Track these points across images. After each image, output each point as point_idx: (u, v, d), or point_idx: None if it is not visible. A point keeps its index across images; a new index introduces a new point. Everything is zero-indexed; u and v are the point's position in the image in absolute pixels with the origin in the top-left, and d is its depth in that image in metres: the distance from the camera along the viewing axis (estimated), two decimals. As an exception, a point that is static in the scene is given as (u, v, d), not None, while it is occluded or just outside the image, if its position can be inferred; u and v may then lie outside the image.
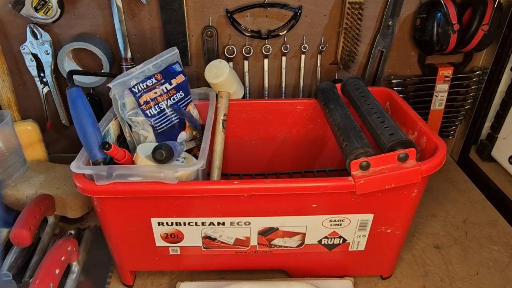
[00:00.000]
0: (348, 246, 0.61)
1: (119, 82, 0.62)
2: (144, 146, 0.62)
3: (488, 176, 0.90)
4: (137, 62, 0.74)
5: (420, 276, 0.68)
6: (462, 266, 0.70)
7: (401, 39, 0.86)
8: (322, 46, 0.85)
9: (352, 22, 0.82)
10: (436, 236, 0.76)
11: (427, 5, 0.80)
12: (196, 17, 0.81)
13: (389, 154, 0.51)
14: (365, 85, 0.72)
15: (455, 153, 1.01)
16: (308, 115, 0.78)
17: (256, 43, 0.84)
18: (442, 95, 0.89)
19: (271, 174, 0.86)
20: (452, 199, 0.87)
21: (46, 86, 0.83)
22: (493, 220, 0.81)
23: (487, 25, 0.78)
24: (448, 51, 0.81)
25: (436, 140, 0.57)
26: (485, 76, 0.90)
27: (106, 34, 0.82)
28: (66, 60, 0.80)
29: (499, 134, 0.89)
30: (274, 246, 0.61)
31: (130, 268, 0.65)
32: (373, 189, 0.52)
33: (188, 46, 0.83)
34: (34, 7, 0.70)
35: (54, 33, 0.80)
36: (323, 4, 0.81)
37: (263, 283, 0.62)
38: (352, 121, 0.60)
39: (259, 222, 0.57)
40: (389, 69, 0.90)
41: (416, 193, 0.55)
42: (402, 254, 0.71)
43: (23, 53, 0.78)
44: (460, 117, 0.95)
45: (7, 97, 0.79)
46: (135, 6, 0.79)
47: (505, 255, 0.72)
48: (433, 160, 0.52)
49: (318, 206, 0.55)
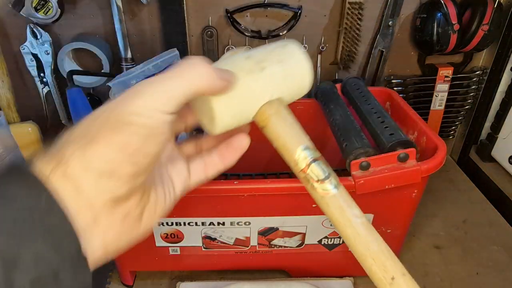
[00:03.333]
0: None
1: (119, 81, 0.62)
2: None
3: (488, 176, 0.90)
4: (137, 62, 0.74)
5: (420, 276, 0.67)
6: (462, 266, 0.69)
7: (401, 39, 0.86)
8: (322, 46, 0.85)
9: (352, 22, 0.82)
10: (436, 236, 0.76)
11: (427, 5, 0.80)
12: (196, 17, 0.81)
13: (389, 154, 0.51)
14: (365, 85, 0.72)
15: (455, 153, 1.01)
16: (308, 115, 0.78)
17: (256, 43, 0.84)
18: (442, 95, 0.89)
19: (271, 174, 0.86)
20: (452, 199, 0.86)
21: (46, 86, 0.83)
22: (493, 220, 0.81)
23: (487, 25, 0.78)
24: (448, 51, 0.81)
25: (436, 140, 0.57)
26: (485, 76, 0.90)
27: (106, 34, 0.82)
28: (66, 60, 0.80)
29: (499, 134, 0.89)
30: (274, 246, 0.61)
31: (130, 268, 0.65)
32: (373, 189, 0.52)
33: (188, 46, 0.83)
34: (34, 7, 0.70)
35: (54, 33, 0.80)
36: (323, 4, 0.81)
37: (263, 283, 0.62)
38: (352, 121, 0.60)
39: (259, 222, 0.57)
40: (389, 69, 0.90)
41: (416, 193, 0.55)
42: (402, 254, 0.71)
43: (23, 53, 0.78)
44: (460, 117, 0.95)
45: (6, 97, 0.79)
46: (135, 6, 0.79)
47: (505, 255, 0.72)
48: (433, 160, 0.52)
49: (318, 206, 0.55)
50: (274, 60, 0.32)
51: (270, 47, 0.33)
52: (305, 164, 0.31)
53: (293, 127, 0.32)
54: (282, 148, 0.32)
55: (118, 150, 0.25)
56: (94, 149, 0.25)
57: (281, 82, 0.32)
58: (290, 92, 0.34)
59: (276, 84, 0.32)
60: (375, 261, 0.29)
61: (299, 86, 0.34)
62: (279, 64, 0.32)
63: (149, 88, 0.27)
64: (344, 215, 0.30)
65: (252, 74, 0.31)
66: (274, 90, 0.32)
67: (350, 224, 0.30)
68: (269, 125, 0.32)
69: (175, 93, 0.28)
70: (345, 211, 0.30)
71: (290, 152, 0.31)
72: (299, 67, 0.33)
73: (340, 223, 0.30)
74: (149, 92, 0.27)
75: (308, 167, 0.32)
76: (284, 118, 0.32)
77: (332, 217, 0.31)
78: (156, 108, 0.27)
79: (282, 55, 0.32)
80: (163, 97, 0.27)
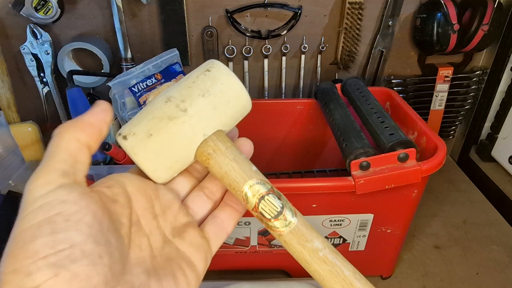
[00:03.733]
0: (348, 246, 0.61)
1: (119, 81, 0.62)
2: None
3: (488, 176, 0.90)
4: (137, 62, 0.74)
5: (420, 276, 0.68)
6: (462, 266, 0.69)
7: (401, 39, 0.86)
8: (322, 46, 0.85)
9: (352, 22, 0.82)
10: (436, 236, 0.76)
11: (427, 5, 0.80)
12: (196, 17, 0.81)
13: (389, 154, 0.51)
14: (365, 85, 0.72)
15: (455, 153, 1.01)
16: (308, 115, 0.78)
17: (256, 43, 0.84)
18: (442, 95, 0.89)
19: (270, 174, 0.86)
20: (452, 199, 0.86)
21: (46, 86, 0.83)
22: (493, 220, 0.81)
23: (487, 25, 0.78)
24: (448, 51, 0.81)
25: (436, 140, 0.57)
26: (485, 76, 0.90)
27: (106, 34, 0.82)
28: (66, 60, 0.80)
29: (499, 134, 0.89)
30: (274, 246, 0.61)
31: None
32: (373, 189, 0.52)
33: (188, 46, 0.83)
34: (34, 7, 0.70)
35: (54, 33, 0.80)
36: (323, 4, 0.81)
37: (263, 283, 0.62)
38: (352, 121, 0.60)
39: (259, 222, 0.57)
40: (389, 69, 0.90)
41: (416, 193, 0.55)
42: (402, 254, 0.71)
43: (23, 53, 0.78)
44: (460, 117, 0.95)
45: (6, 97, 0.79)
46: (135, 6, 0.79)
47: (505, 255, 0.72)
48: (433, 160, 0.52)
49: (318, 206, 0.55)
50: (196, 94, 0.28)
51: (192, 78, 0.29)
52: (254, 202, 0.29)
53: (236, 163, 0.28)
54: (229, 187, 0.29)
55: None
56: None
57: (211, 115, 0.29)
58: (228, 118, 0.30)
59: (205, 120, 0.28)
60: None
61: (236, 108, 0.30)
62: (203, 98, 0.28)
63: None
64: (306, 251, 0.29)
65: (175, 119, 0.28)
66: (205, 127, 0.29)
67: (316, 259, 0.29)
68: (210, 164, 0.29)
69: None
70: (305, 246, 0.29)
71: (238, 192, 0.28)
72: (228, 90, 0.29)
73: (303, 260, 0.29)
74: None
75: (258, 205, 0.29)
76: (224, 154, 0.28)
77: (294, 254, 0.29)
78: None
79: (204, 85, 0.29)
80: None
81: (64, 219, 0.20)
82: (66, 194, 0.21)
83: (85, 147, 0.24)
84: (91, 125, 0.25)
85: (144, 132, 0.28)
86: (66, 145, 0.23)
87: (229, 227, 0.31)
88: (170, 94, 0.29)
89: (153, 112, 0.28)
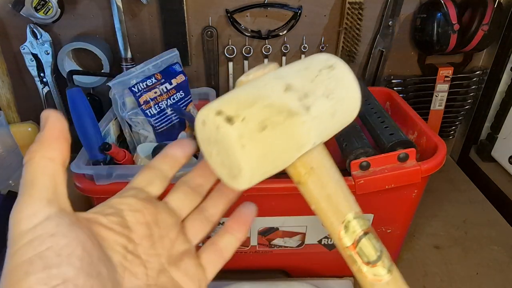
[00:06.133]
0: (348, 246, 0.61)
1: (119, 81, 0.62)
2: (144, 146, 0.62)
3: (488, 176, 0.90)
4: (137, 62, 0.74)
5: (420, 276, 0.68)
6: (462, 266, 0.70)
7: (401, 39, 0.86)
8: (322, 46, 0.85)
9: (352, 22, 0.82)
10: (436, 236, 0.76)
11: (427, 5, 0.80)
12: (196, 17, 0.81)
13: (389, 154, 0.51)
14: (365, 85, 0.72)
15: (455, 153, 1.01)
16: (308, 115, 0.78)
17: (256, 43, 0.84)
18: (442, 95, 0.89)
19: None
20: (452, 199, 0.86)
21: (46, 86, 0.83)
22: (493, 220, 0.81)
23: (487, 25, 0.78)
24: (448, 51, 0.81)
25: (436, 140, 0.57)
26: (485, 76, 0.90)
27: (106, 34, 0.82)
28: (66, 60, 0.80)
29: (499, 134, 0.89)
30: (274, 246, 0.61)
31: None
32: (373, 189, 0.52)
33: (188, 46, 0.83)
34: (34, 7, 0.70)
35: (54, 33, 0.80)
36: (323, 4, 0.81)
37: (263, 283, 0.62)
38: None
39: (259, 222, 0.57)
40: (389, 69, 0.90)
41: (416, 193, 0.55)
42: (402, 254, 0.71)
43: (23, 53, 0.78)
44: (460, 117, 0.95)
45: (6, 97, 0.79)
46: (135, 6, 0.79)
47: (505, 255, 0.72)
48: (433, 160, 0.52)
49: (318, 206, 0.55)
50: (320, 93, 0.23)
51: (312, 70, 0.24)
52: (353, 240, 0.24)
53: (338, 187, 0.24)
54: (322, 215, 0.24)
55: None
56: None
57: (328, 122, 0.24)
58: (335, 130, 0.25)
59: (323, 127, 0.23)
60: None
61: (347, 120, 0.25)
62: (327, 99, 0.23)
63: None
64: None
65: (296, 116, 0.22)
66: (319, 134, 0.23)
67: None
68: (308, 182, 0.24)
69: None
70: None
71: (333, 223, 0.24)
72: (349, 98, 0.24)
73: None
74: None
75: (357, 244, 0.24)
76: (327, 174, 0.24)
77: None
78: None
79: (329, 83, 0.23)
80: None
81: (56, 254, 0.20)
82: (54, 227, 0.21)
83: (60, 165, 0.23)
84: (56, 139, 0.24)
85: (258, 121, 0.21)
86: (42, 170, 0.22)
87: (228, 255, 0.30)
88: (290, 81, 0.23)
89: (268, 96, 0.22)
